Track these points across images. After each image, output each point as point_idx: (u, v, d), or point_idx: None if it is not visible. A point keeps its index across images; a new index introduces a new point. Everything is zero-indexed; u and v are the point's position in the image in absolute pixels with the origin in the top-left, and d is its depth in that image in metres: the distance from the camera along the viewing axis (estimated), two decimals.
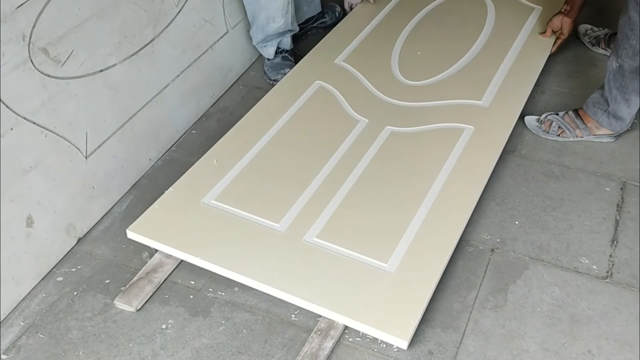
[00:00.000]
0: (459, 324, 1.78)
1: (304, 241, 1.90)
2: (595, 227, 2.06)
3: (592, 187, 2.20)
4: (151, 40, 2.24)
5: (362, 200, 2.03)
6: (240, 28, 2.69)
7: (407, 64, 2.62)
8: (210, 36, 2.54)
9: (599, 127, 2.36)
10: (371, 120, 2.33)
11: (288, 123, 2.32)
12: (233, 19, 2.65)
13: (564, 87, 2.67)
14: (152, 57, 2.24)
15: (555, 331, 1.76)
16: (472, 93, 2.46)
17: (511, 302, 1.83)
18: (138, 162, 2.21)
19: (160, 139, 2.31)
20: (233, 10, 2.62)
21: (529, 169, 2.27)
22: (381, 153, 2.19)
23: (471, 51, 2.69)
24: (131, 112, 2.17)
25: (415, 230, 1.93)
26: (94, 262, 1.94)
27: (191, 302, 1.83)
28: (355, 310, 1.73)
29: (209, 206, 1.99)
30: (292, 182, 2.08)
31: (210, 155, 2.17)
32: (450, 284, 1.88)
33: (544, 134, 2.40)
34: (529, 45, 2.74)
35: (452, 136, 2.27)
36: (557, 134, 2.39)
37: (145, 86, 2.23)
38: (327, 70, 2.57)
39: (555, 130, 2.39)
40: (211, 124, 2.47)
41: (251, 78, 2.71)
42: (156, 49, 2.26)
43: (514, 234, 2.03)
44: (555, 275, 1.91)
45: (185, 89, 2.41)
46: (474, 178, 2.12)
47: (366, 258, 1.85)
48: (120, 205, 2.11)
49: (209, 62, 2.53)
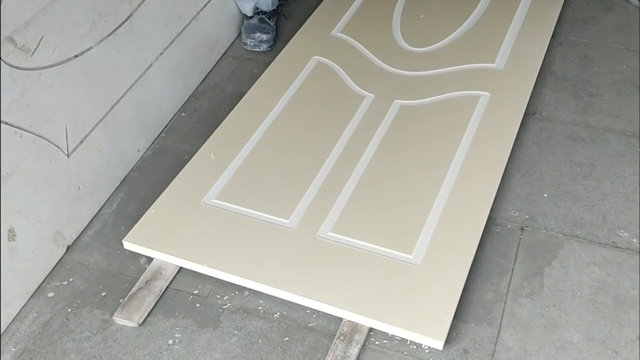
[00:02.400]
0: (494, 317, 1.66)
1: (317, 237, 1.77)
2: (631, 194, 1.93)
3: (623, 148, 2.07)
4: (128, 17, 2.05)
5: (377, 185, 1.88)
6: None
7: (410, 30, 2.45)
8: (192, 6, 2.35)
9: None
10: (378, 95, 2.17)
11: (288, 106, 2.15)
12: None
13: (581, 36, 2.52)
14: (131, 35, 2.06)
15: (599, 317, 1.65)
16: (483, 55, 2.31)
17: (548, 287, 1.72)
18: (126, 155, 2.05)
19: (147, 126, 2.14)
20: None
21: (552, 133, 2.13)
22: (392, 131, 2.04)
23: (478, 8, 2.53)
24: (113, 99, 2.01)
25: (438, 215, 1.80)
26: (86, 272, 1.80)
27: (198, 311, 1.70)
28: (380, 310, 1.61)
29: (210, 206, 1.85)
30: (299, 172, 1.93)
31: (207, 148, 2.02)
32: (480, 271, 1.75)
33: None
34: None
35: (467, 105, 2.12)
36: None
37: (127, 69, 2.05)
38: (324, 44, 2.40)
39: None
40: (202, 104, 2.30)
41: (241, 48, 2.54)
42: (135, 26, 2.08)
43: (544, 208, 1.90)
44: (593, 252, 1.79)
45: (170, 68, 2.24)
46: (496, 150, 1.98)
47: (388, 250, 1.73)
48: (110, 205, 1.96)
49: (193, 34, 2.35)
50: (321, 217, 1.82)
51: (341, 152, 1.99)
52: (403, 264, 1.70)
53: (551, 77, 2.34)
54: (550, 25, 2.48)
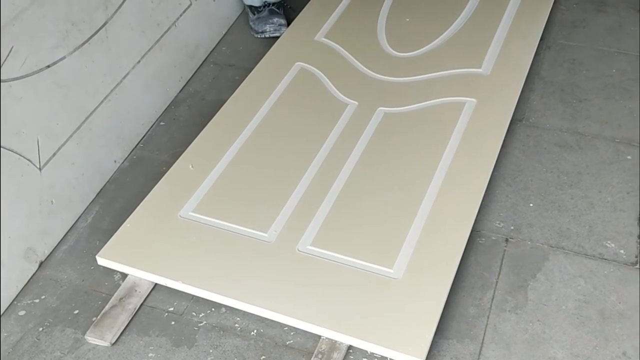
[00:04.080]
0: (477, 332, 1.65)
1: (297, 251, 1.75)
2: (619, 203, 1.92)
3: (612, 155, 2.06)
4: (103, 24, 2.04)
5: (358, 197, 1.87)
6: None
7: (395, 34, 2.43)
8: (171, 11, 2.33)
9: None
10: (361, 103, 2.16)
11: (268, 115, 2.14)
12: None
13: (570, 39, 2.50)
14: (106, 43, 2.04)
15: (584, 332, 1.63)
16: (470, 60, 2.29)
17: (532, 300, 1.70)
18: (101, 166, 2.04)
19: (124, 136, 2.13)
20: None
21: (539, 140, 2.12)
22: (375, 140, 2.03)
23: (465, 12, 2.51)
24: (88, 110, 1.99)
25: (420, 227, 1.79)
26: (59, 289, 1.78)
27: (173, 329, 1.68)
28: (360, 327, 1.59)
29: (187, 219, 1.83)
30: (278, 184, 1.91)
31: (185, 159, 2.00)
32: (463, 285, 1.74)
33: None
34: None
35: (452, 112, 2.10)
36: None
37: (102, 78, 2.04)
38: (308, 49, 2.38)
39: None
40: (181, 113, 2.29)
41: (222, 54, 2.52)
42: (110, 34, 2.06)
43: (529, 218, 1.89)
44: (579, 264, 1.77)
45: (148, 76, 2.22)
46: (481, 158, 1.97)
47: (368, 264, 1.71)
48: (85, 219, 1.95)
49: (172, 41, 2.33)
50: (301, 231, 1.80)
51: (322, 163, 1.97)
52: (383, 278, 1.69)
53: (539, 82, 2.33)
54: (539, 29, 2.47)
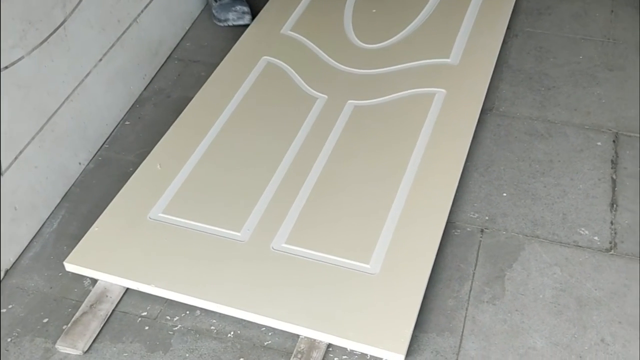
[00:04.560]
0: (456, 325, 1.64)
1: (271, 249, 1.73)
2: (591, 190, 1.93)
3: (582, 143, 2.07)
4: (62, 22, 1.98)
5: (332, 192, 1.85)
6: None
7: (363, 25, 2.42)
8: (132, 7, 2.28)
9: None
10: (330, 96, 2.14)
11: (236, 111, 2.11)
12: None
13: (537, 27, 2.52)
14: (66, 42, 1.99)
15: (562, 320, 1.64)
16: (438, 51, 2.29)
17: (510, 291, 1.71)
18: (66, 169, 1.99)
19: (88, 137, 2.08)
20: None
21: (510, 129, 2.13)
22: (346, 134, 2.01)
23: (431, 2, 2.51)
24: (50, 111, 1.94)
25: (395, 221, 1.78)
26: (27, 298, 1.73)
27: (147, 334, 1.65)
28: (338, 325, 1.58)
29: (156, 221, 1.80)
30: (249, 181, 1.89)
31: (152, 159, 1.96)
32: (440, 277, 1.74)
33: None
34: None
35: (422, 103, 2.10)
36: None
37: (63, 78, 1.98)
38: (274, 43, 2.35)
39: None
40: (146, 111, 2.24)
41: (186, 50, 2.48)
42: (70, 32, 2.00)
43: (503, 208, 1.90)
44: (555, 253, 1.78)
45: (111, 74, 2.17)
46: (453, 150, 1.97)
47: (345, 260, 1.70)
48: (51, 224, 1.90)
49: (134, 38, 2.28)
50: (274, 229, 1.78)
51: (294, 159, 1.95)
52: (360, 274, 1.67)
53: (507, 71, 2.34)
54: (505, 17, 2.47)
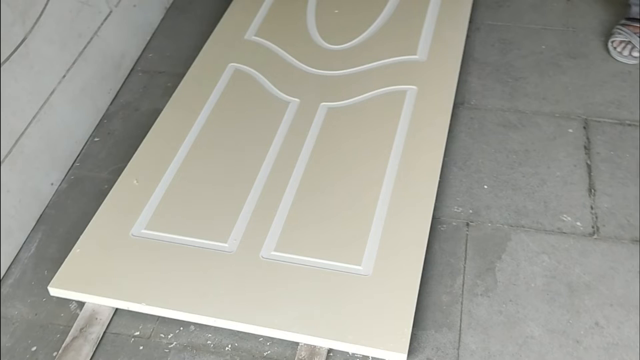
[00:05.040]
0: (453, 320, 1.65)
1: (260, 258, 1.71)
2: (568, 177, 1.97)
3: (554, 130, 2.11)
4: (23, 40, 1.93)
5: (315, 196, 1.85)
6: (126, 4, 2.39)
7: (326, 26, 2.42)
8: (91, 21, 2.23)
9: None
10: (303, 100, 2.13)
11: (209, 120, 2.08)
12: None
13: (497, 19, 2.56)
14: (28, 60, 1.93)
15: (556, 307, 1.67)
16: (405, 48, 2.30)
17: (502, 282, 1.73)
18: (39, 191, 1.93)
19: (58, 156, 2.02)
20: None
21: (483, 122, 2.15)
22: (322, 136, 2.01)
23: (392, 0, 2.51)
24: (17, 132, 1.88)
25: (382, 220, 1.78)
26: (11, 327, 1.68)
27: (142, 354, 1.61)
28: (337, 329, 1.57)
29: (140, 238, 1.76)
30: (231, 190, 1.86)
31: (128, 174, 1.92)
32: (432, 274, 1.75)
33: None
34: None
35: (395, 101, 2.11)
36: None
37: (28, 97, 1.93)
38: (239, 50, 2.33)
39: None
40: (115, 126, 2.20)
41: (150, 61, 2.43)
42: (31, 49, 1.95)
43: (486, 200, 1.92)
44: (540, 241, 1.81)
45: (76, 90, 2.12)
46: (430, 145, 1.98)
47: (336, 264, 1.69)
48: (28, 249, 1.84)
49: (96, 52, 2.23)
50: (262, 237, 1.76)
51: (273, 165, 1.94)
52: (354, 276, 1.67)
53: (474, 64, 2.36)
54: (467, 11, 2.50)
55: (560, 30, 2.48)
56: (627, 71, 2.30)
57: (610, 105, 2.18)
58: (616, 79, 2.27)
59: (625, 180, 1.94)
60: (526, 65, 2.35)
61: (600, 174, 1.97)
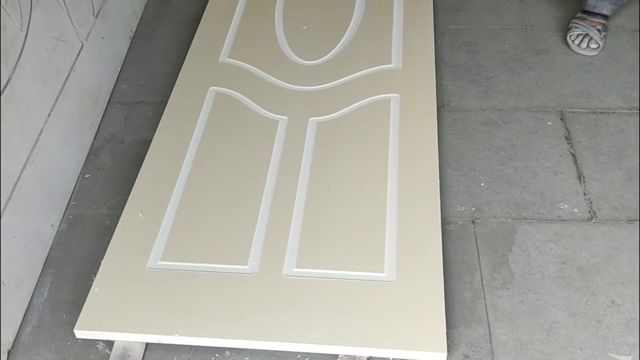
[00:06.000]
0: (479, 315, 1.71)
1: (284, 276, 1.73)
2: (557, 167, 2.07)
3: (534, 124, 2.21)
4: (8, 82, 1.89)
5: (324, 210, 1.88)
6: (94, 36, 2.36)
7: (298, 43, 2.46)
8: (66, 56, 2.20)
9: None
10: (291, 116, 2.16)
11: (202, 146, 2.08)
12: (83, 28, 2.31)
13: (458, 23, 2.65)
14: (15, 101, 1.90)
15: (572, 291, 1.75)
16: (379, 58, 2.37)
17: (517, 273, 1.80)
18: (41, 234, 1.89)
19: (54, 196, 1.98)
20: (80, 16, 2.28)
21: (466, 122, 2.24)
22: (318, 151, 2.04)
23: (356, 12, 2.59)
24: (14, 176, 1.84)
25: (394, 227, 1.83)
26: None
27: None
28: (374, 336, 1.61)
29: (157, 269, 1.75)
30: (239, 213, 1.87)
31: (131, 208, 1.90)
32: (450, 273, 1.81)
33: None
34: None
35: (381, 110, 2.17)
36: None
37: (19, 139, 1.89)
38: (216, 73, 2.33)
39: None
40: (104, 161, 2.17)
41: (125, 92, 2.41)
42: (16, 90, 1.91)
43: (485, 197, 1.99)
44: (545, 230, 1.90)
45: (61, 128, 2.08)
46: (424, 149, 2.04)
47: (360, 273, 1.73)
48: (41, 293, 1.80)
49: (75, 87, 2.20)
50: (281, 255, 1.78)
51: (275, 184, 1.96)
52: (379, 283, 1.71)
53: (446, 68, 2.45)
54: (429, 17, 2.58)
55: (519, 29, 2.60)
56: (588, 62, 2.43)
57: (581, 95, 2.29)
58: (580, 71, 2.39)
59: (610, 165, 2.05)
60: (495, 65, 2.45)
61: (585, 161, 2.08)
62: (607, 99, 2.26)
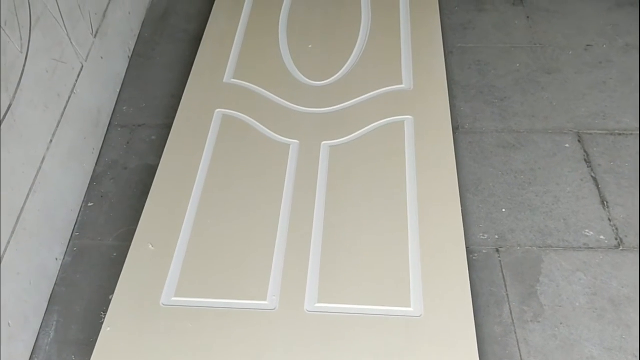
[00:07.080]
0: (512, 351, 1.65)
1: (306, 312, 1.65)
2: (579, 191, 2.01)
3: (552, 147, 2.15)
4: (9, 108, 1.79)
5: (343, 241, 1.80)
6: (94, 56, 2.27)
7: (304, 62, 2.38)
8: (67, 78, 2.11)
9: None
10: (302, 140, 2.08)
11: (211, 172, 1.99)
12: (82, 47, 2.22)
13: (466, 41, 2.60)
14: (16, 128, 1.80)
15: (605, 324, 1.69)
16: (389, 78, 2.30)
17: (547, 305, 1.74)
18: (45, 268, 1.79)
19: (57, 228, 1.89)
20: (79, 36, 2.18)
21: (482, 145, 2.18)
22: (332, 177, 1.97)
23: (362, 29, 2.52)
24: (17, 207, 1.74)
25: (418, 258, 1.76)
26: None
27: None
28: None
29: (172, 306, 1.66)
30: (254, 245, 1.79)
31: (140, 240, 1.80)
32: (478, 305, 1.74)
33: None
34: (415, 6, 2.61)
35: (395, 133, 2.10)
36: None
37: (22, 168, 1.79)
38: (222, 94, 2.25)
39: None
40: (107, 188, 2.07)
41: (126, 115, 2.32)
42: (17, 117, 1.82)
43: (508, 224, 1.93)
44: (572, 259, 1.84)
45: (63, 155, 1.99)
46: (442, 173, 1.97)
47: (386, 308, 1.66)
48: (47, 333, 1.70)
49: (76, 110, 2.11)
50: (301, 290, 1.70)
51: (290, 213, 1.88)
52: (406, 319, 1.63)
53: (457, 88, 2.39)
54: (438, 36, 2.52)
55: (529, 47, 2.55)
56: (601, 82, 2.38)
57: (597, 116, 2.24)
58: (594, 91, 2.35)
59: (632, 189, 2.00)
60: (507, 85, 2.39)
61: (607, 185, 2.02)
62: (624, 119, 2.22)
